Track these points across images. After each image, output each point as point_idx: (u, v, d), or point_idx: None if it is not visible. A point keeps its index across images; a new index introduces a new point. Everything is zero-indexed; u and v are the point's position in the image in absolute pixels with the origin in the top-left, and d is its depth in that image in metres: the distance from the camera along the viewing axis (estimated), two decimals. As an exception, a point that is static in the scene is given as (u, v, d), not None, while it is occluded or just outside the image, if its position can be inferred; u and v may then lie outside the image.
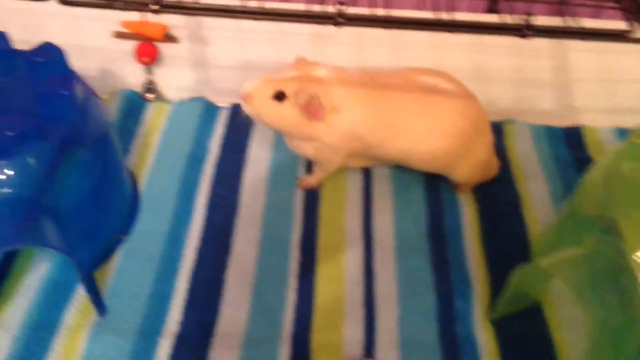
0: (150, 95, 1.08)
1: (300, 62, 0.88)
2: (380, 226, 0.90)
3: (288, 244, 0.88)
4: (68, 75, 0.80)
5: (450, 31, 0.58)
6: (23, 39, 0.86)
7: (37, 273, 0.81)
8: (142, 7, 0.54)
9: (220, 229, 0.89)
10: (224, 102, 1.09)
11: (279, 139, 1.04)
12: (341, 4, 0.55)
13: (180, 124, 1.05)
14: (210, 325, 0.77)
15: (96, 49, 1.03)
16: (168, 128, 1.04)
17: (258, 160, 1.00)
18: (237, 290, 0.82)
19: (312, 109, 0.83)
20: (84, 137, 0.79)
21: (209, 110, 1.08)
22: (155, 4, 0.53)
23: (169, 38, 1.00)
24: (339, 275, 0.83)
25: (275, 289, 0.82)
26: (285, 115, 0.84)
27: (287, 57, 1.04)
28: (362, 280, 0.83)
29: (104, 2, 0.56)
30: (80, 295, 0.79)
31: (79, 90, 0.79)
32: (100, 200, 0.83)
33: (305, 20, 0.54)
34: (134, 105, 1.07)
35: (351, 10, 0.58)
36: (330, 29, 1.00)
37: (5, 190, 0.71)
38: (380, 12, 0.60)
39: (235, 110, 1.08)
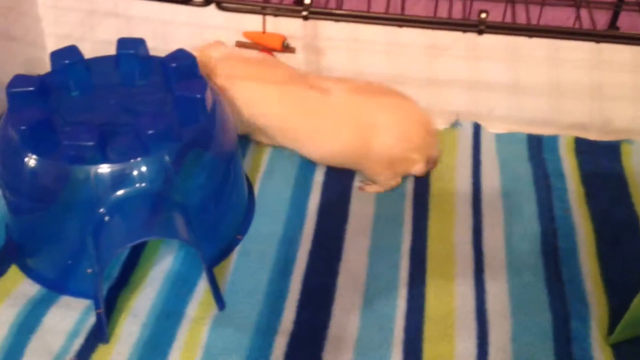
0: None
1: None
2: (491, 241, 0.89)
3: (398, 253, 0.89)
4: (200, 81, 0.84)
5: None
6: (152, 46, 0.92)
7: (162, 265, 0.86)
8: (292, 13, 0.57)
9: (331, 235, 0.91)
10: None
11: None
12: (483, 12, 0.56)
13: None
14: (323, 327, 0.79)
15: (217, 57, 1.09)
16: (281, 135, 1.08)
17: (368, 169, 1.02)
18: (348, 295, 0.83)
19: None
20: (212, 140, 0.83)
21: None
22: (305, 10, 0.56)
23: (287, 48, 1.04)
24: (449, 287, 0.83)
25: (386, 296, 0.83)
26: None
27: (400, 68, 1.06)
28: (473, 293, 0.83)
29: (257, 7, 0.59)
30: (201, 289, 0.83)
31: (209, 95, 0.83)
32: (222, 200, 0.87)
33: (447, 27, 0.55)
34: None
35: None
36: (445, 40, 1.01)
37: (142, 185, 0.76)
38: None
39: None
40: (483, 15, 0.54)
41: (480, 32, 0.55)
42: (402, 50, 1.05)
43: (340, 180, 1.00)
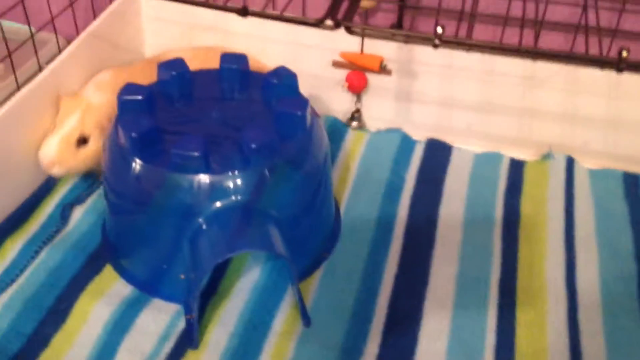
0: (354, 123, 1.13)
1: (66, 101, 0.92)
2: (585, 279, 0.87)
3: (486, 283, 0.87)
4: (300, 98, 0.86)
5: None
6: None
7: (249, 277, 0.87)
8: (423, 41, 0.57)
9: (417, 260, 0.90)
10: (420, 136, 1.12)
11: (475, 176, 1.04)
12: (625, 50, 0.55)
13: (378, 153, 1.09)
14: (409, 353, 0.78)
15: (310, 74, 1.10)
16: (367, 156, 1.08)
17: (454, 194, 1.01)
18: (435, 323, 0.82)
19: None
20: (308, 156, 0.84)
21: (406, 142, 1.11)
22: (438, 39, 0.56)
23: (384, 70, 1.04)
24: (541, 324, 0.81)
25: (474, 327, 0.81)
26: (96, 148, 0.90)
27: (492, 97, 1.05)
28: (567, 332, 0.80)
29: (387, 33, 0.60)
30: (287, 304, 0.83)
31: (308, 113, 0.85)
32: (312, 216, 0.87)
33: (585, 63, 0.54)
34: (336, 131, 1.12)
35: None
36: (545, 72, 0.99)
37: (241, 197, 0.77)
38: None
39: (431, 144, 1.10)
40: (624, 54, 0.53)
41: (619, 70, 0.54)
42: (497, 79, 1.03)
43: (426, 206, 0.99)
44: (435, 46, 0.58)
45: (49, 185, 0.97)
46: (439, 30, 0.56)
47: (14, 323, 0.78)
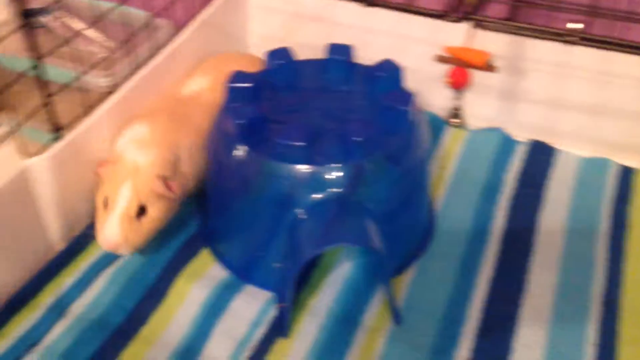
0: (455, 120, 1.10)
1: (109, 170, 0.80)
2: (699, 300, 0.81)
3: (588, 295, 0.83)
4: (405, 92, 0.84)
5: None
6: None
7: (341, 270, 0.87)
8: (554, 37, 0.54)
9: (515, 265, 0.87)
10: (522, 137, 1.08)
11: (580, 182, 0.99)
12: None
13: (477, 153, 1.06)
14: (502, 361, 0.76)
15: (411, 68, 1.08)
16: (465, 155, 1.05)
17: (557, 200, 0.97)
18: (530, 331, 0.79)
19: (171, 186, 0.81)
20: (409, 152, 0.83)
21: (507, 142, 1.07)
22: (571, 35, 0.53)
23: (490, 67, 1.01)
24: (647, 343, 0.77)
25: (573, 339, 0.78)
26: (160, 215, 0.81)
27: (605, 99, 1.00)
28: (676, 355, 0.75)
29: (514, 27, 0.57)
30: (377, 300, 0.83)
31: (413, 108, 0.83)
32: (408, 214, 0.86)
33: None
34: (435, 128, 1.10)
35: None
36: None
37: (341, 190, 0.77)
38: None
39: (534, 146, 1.06)
40: None
41: None
42: (614, 80, 0.98)
43: (526, 210, 0.95)
44: (567, 42, 0.55)
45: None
46: (572, 26, 0.53)
47: (117, 298, 0.82)
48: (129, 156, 0.80)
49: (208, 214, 0.91)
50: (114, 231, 0.77)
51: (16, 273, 0.78)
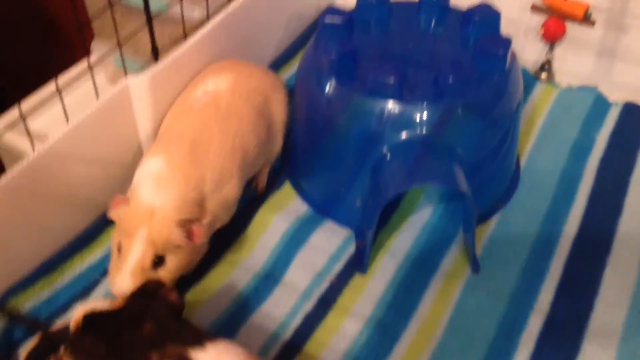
0: (543, 75, 1.06)
1: (122, 213, 0.70)
2: None
3: (679, 260, 0.80)
4: (502, 38, 0.82)
5: None
6: None
7: (421, 215, 0.86)
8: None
9: (601, 223, 0.85)
10: (617, 98, 1.03)
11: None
12: None
13: (567, 111, 1.02)
14: (583, 318, 0.74)
15: (503, 18, 1.04)
16: (554, 112, 1.02)
17: (651, 164, 0.93)
18: (614, 292, 0.77)
19: (193, 232, 0.70)
20: (502, 99, 0.81)
21: (600, 103, 1.03)
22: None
23: (587, 19, 0.97)
24: None
25: (660, 303, 0.75)
26: (181, 264, 0.71)
27: None
28: None
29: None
30: (456, 247, 0.82)
31: (509, 54, 0.81)
32: (495, 163, 0.84)
33: None
34: (524, 82, 1.06)
35: None
36: None
37: (429, 130, 0.76)
38: None
39: (629, 108, 1.01)
40: None
41: None
42: None
43: (617, 171, 0.92)
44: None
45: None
46: None
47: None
48: (144, 197, 0.69)
49: (292, 150, 0.92)
50: (125, 285, 0.67)
51: (111, 184, 0.81)
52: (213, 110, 0.78)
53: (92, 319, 0.58)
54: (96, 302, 0.61)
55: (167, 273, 0.70)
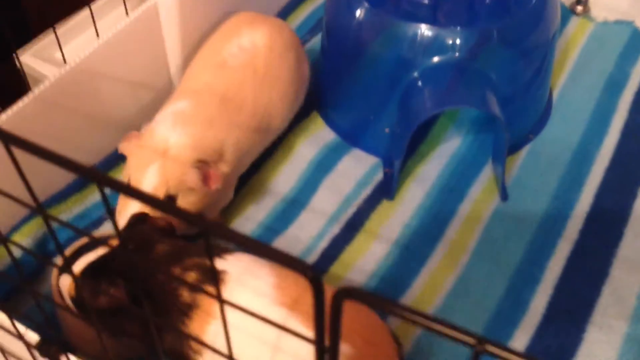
0: (579, 8, 1.03)
1: (135, 147, 0.66)
2: None
3: None
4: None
5: None
6: None
7: (449, 144, 0.86)
8: None
9: (633, 156, 0.84)
10: (656, 33, 1.00)
11: None
12: None
13: (602, 45, 0.99)
14: (612, 246, 0.74)
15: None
16: (589, 46, 0.99)
17: (687, 100, 0.90)
18: (644, 222, 0.76)
19: (210, 176, 0.65)
20: (539, 26, 0.79)
21: (636, 37, 1.00)
22: None
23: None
24: None
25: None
26: (194, 209, 0.66)
27: None
28: None
29: None
30: (485, 176, 0.82)
31: (547, -21, 0.78)
32: (529, 92, 0.83)
33: None
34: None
35: None
36: None
37: (463, 54, 0.75)
38: None
39: (668, 43, 0.98)
40: None
41: None
42: None
43: (652, 105, 0.90)
44: None
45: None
46: None
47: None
48: (159, 132, 0.66)
49: (321, 78, 0.91)
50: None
51: (141, 108, 0.82)
52: (251, 72, 0.73)
53: (139, 219, 0.58)
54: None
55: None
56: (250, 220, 0.77)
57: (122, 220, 0.63)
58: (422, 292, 0.70)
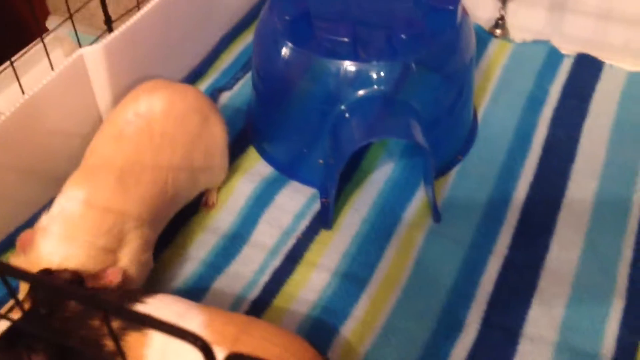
0: (498, 31, 1.09)
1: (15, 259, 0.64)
2: None
3: (629, 203, 0.84)
4: (453, -7, 0.84)
5: None
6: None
7: (383, 170, 0.89)
8: None
9: (555, 170, 0.88)
10: (569, 50, 1.06)
11: (627, 96, 0.98)
12: None
13: (521, 64, 1.05)
14: (539, 258, 0.78)
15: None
16: (509, 66, 1.05)
17: (602, 112, 0.96)
18: (568, 233, 0.80)
19: (107, 276, 0.65)
20: (455, 53, 0.83)
21: (553, 55, 1.06)
22: None
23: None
24: (686, 245, 0.77)
25: (611, 241, 0.79)
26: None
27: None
28: None
29: None
30: (418, 199, 0.85)
31: (459, 9, 0.83)
32: (452, 116, 0.87)
33: None
34: (478, 39, 1.08)
35: None
36: None
37: (385, 87, 0.78)
38: None
39: (581, 59, 1.04)
40: None
41: None
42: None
43: (570, 121, 0.95)
44: None
45: (200, 71, 1.03)
46: None
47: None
48: (43, 249, 0.63)
49: (254, 114, 0.93)
50: None
51: (73, 156, 0.82)
52: (147, 138, 0.71)
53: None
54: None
55: None
56: (193, 258, 0.78)
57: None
58: (364, 317, 0.73)
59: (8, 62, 0.75)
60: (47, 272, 0.60)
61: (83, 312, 0.55)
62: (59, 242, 0.63)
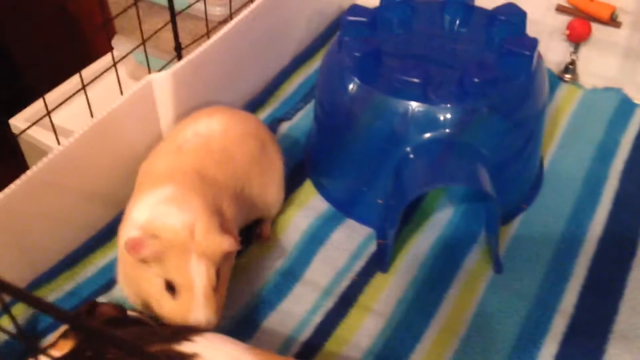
0: (567, 75, 1.05)
1: (150, 250, 0.62)
2: None
3: None
4: (529, 38, 0.81)
5: None
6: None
7: (443, 214, 0.86)
8: None
9: (626, 226, 0.84)
10: (643, 100, 1.02)
11: None
12: None
13: (591, 112, 1.01)
14: (608, 321, 0.74)
15: (528, 18, 1.04)
16: (578, 113, 1.01)
17: (677, 168, 0.91)
18: (639, 294, 0.76)
19: (233, 235, 0.66)
20: (528, 100, 0.80)
21: (625, 104, 1.02)
22: None
23: (614, 21, 0.96)
24: None
25: (686, 308, 0.74)
26: (228, 275, 0.68)
27: None
28: None
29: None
30: (479, 247, 0.82)
31: (536, 54, 0.80)
32: (519, 163, 0.84)
33: None
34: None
35: None
36: None
37: (453, 130, 0.76)
38: None
39: (655, 110, 1.00)
40: None
41: None
42: None
43: (642, 173, 0.91)
44: None
45: (261, 100, 1.02)
46: None
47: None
48: (172, 221, 0.63)
49: (313, 147, 0.92)
50: (209, 317, 0.63)
51: (134, 180, 0.82)
52: (206, 153, 0.72)
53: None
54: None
55: (222, 287, 0.65)
56: (244, 293, 0.77)
57: (191, 320, 0.62)
58: (418, 369, 0.69)
59: (76, 77, 0.75)
60: (93, 305, 0.59)
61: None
62: (180, 210, 0.64)
